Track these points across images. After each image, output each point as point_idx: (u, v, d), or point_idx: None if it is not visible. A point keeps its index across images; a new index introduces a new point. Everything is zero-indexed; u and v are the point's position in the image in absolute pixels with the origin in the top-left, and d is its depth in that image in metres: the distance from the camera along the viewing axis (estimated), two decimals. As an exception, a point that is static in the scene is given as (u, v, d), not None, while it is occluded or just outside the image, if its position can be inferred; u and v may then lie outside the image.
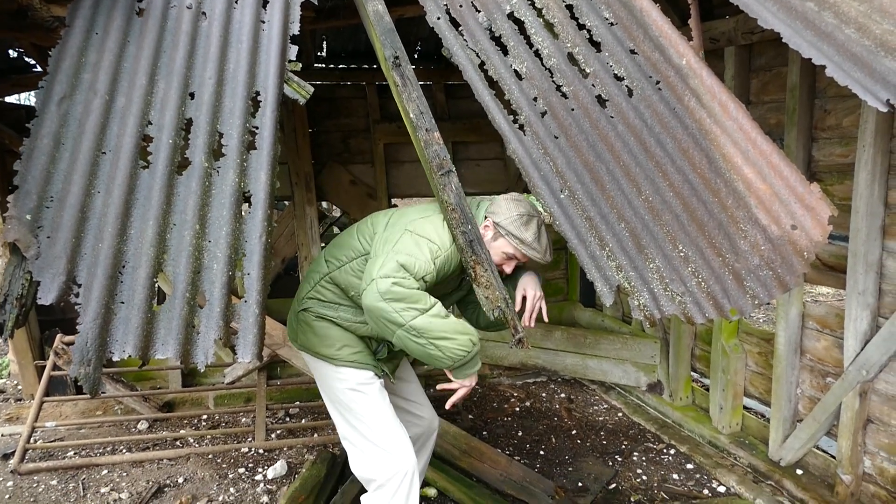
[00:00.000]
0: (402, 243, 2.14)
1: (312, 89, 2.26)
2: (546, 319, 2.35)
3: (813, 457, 3.34)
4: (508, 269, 2.32)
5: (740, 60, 3.49)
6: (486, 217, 2.32)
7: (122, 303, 1.65)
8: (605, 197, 1.98)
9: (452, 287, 2.46)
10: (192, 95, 2.04)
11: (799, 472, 3.36)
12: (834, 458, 3.20)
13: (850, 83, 1.85)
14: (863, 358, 2.92)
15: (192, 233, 1.80)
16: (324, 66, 4.97)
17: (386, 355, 2.48)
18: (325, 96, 4.90)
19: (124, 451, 3.98)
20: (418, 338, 2.04)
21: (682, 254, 1.93)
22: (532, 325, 2.32)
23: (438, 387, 2.31)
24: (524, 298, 2.34)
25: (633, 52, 2.18)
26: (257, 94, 2.10)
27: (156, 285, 1.72)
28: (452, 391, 2.27)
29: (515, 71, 2.14)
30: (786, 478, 3.31)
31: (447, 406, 2.35)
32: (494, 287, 2.07)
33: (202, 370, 1.65)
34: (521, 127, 2.06)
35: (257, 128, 2.04)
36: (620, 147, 2.04)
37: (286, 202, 5.87)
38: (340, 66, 4.96)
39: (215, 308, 1.72)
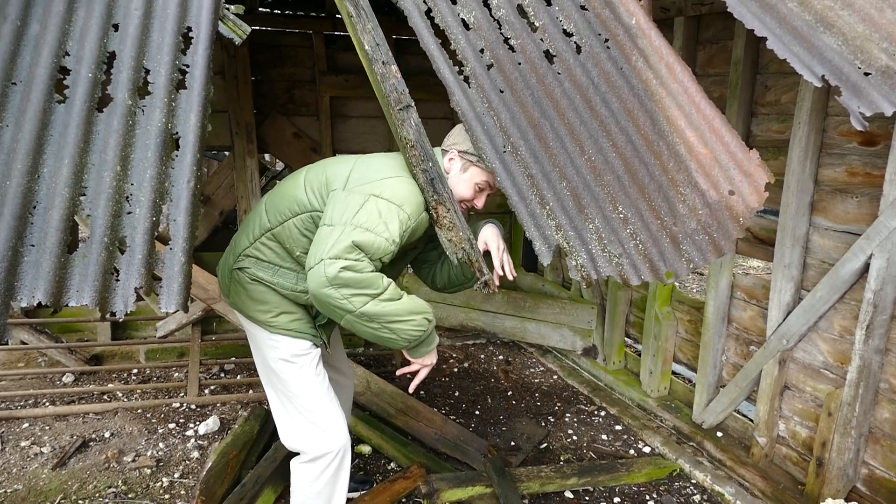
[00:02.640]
0: (363, 214, 1.88)
1: (250, 29, 2.14)
2: (513, 275, 2.12)
3: (733, 420, 3.49)
4: (480, 202, 2.16)
5: (688, 31, 3.51)
6: (444, 152, 2.14)
7: (33, 245, 1.53)
8: (547, 155, 1.95)
9: (415, 250, 2.30)
10: (115, 27, 1.89)
11: (719, 434, 3.52)
12: (752, 421, 3.36)
13: (788, 56, 1.87)
14: (784, 328, 3.04)
15: (113, 174, 1.68)
16: (268, 10, 4.74)
17: (325, 320, 2.31)
18: (269, 43, 4.68)
19: (47, 404, 3.82)
20: (370, 322, 1.89)
21: (621, 215, 1.93)
22: (511, 276, 2.13)
23: (398, 372, 2.21)
24: (488, 253, 2.18)
25: (583, 7, 2.13)
26: (189, 29, 1.96)
27: (71, 228, 1.61)
28: (413, 374, 2.16)
29: (463, 20, 2.07)
30: (707, 439, 3.46)
31: (409, 390, 2.27)
32: (458, 228, 1.98)
33: (121, 319, 1.57)
34: (467, 79, 2.00)
35: (188, 66, 1.91)
36: (566, 105, 2.00)
37: (226, 153, 5.66)
38: (287, 11, 4.75)
39: (137, 255, 1.62)
